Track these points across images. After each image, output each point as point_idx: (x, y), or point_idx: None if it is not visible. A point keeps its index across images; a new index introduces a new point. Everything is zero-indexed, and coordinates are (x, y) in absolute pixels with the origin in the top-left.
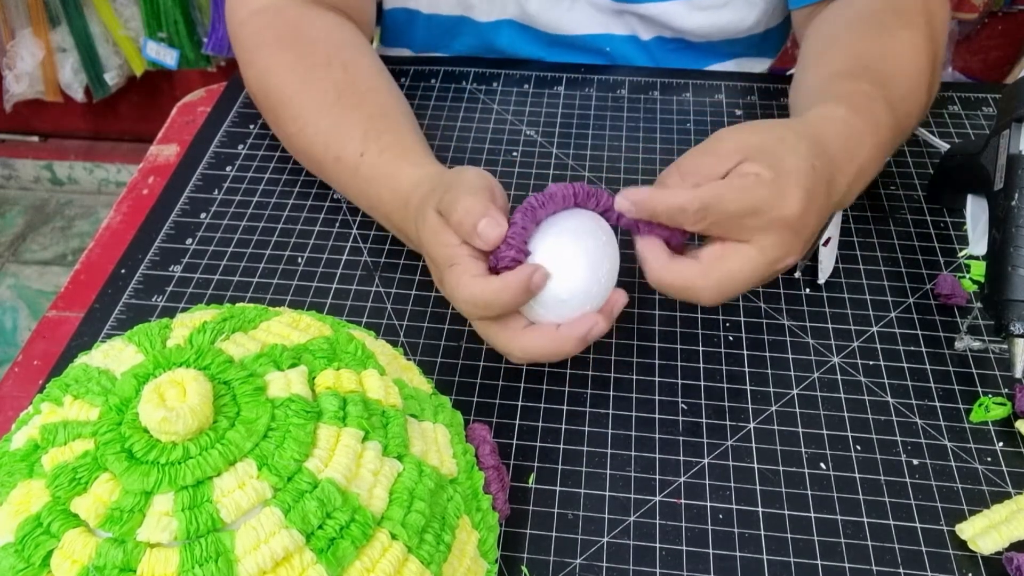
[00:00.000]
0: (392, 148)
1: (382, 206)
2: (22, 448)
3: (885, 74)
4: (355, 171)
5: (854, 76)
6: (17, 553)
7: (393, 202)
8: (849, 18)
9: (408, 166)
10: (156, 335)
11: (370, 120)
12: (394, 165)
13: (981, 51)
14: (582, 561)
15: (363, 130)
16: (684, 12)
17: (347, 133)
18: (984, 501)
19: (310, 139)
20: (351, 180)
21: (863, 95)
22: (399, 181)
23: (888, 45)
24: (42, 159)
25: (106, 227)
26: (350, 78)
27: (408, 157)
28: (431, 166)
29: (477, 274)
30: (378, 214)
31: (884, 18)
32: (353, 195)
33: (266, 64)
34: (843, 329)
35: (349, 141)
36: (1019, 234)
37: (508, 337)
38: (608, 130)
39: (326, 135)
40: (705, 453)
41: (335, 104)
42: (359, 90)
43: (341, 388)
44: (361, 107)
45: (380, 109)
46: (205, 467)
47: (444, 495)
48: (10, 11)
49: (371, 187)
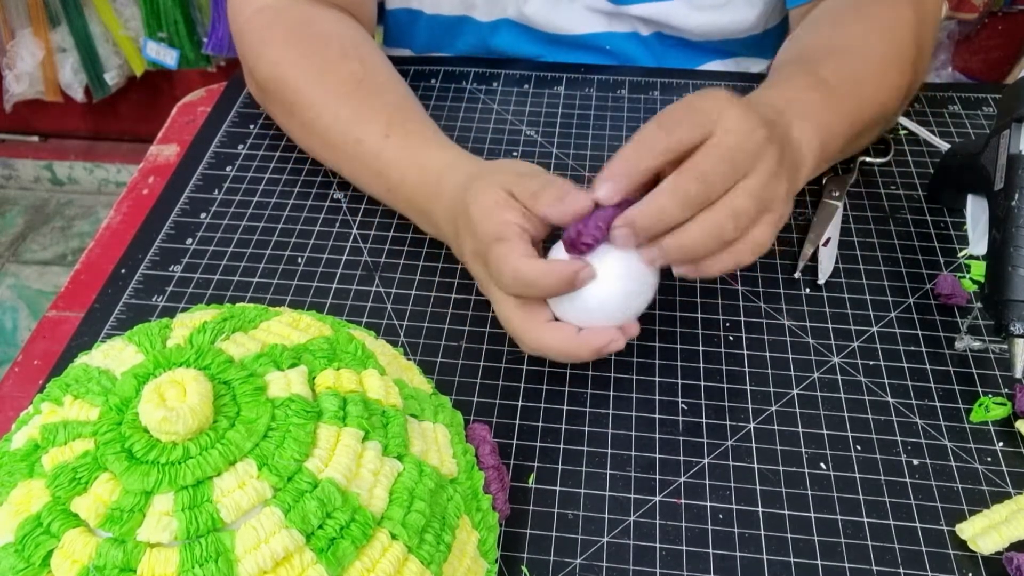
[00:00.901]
0: (418, 133)
1: (405, 187)
2: (22, 448)
3: (819, 58)
4: (378, 153)
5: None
6: (17, 553)
7: (420, 182)
8: (828, 7)
9: (436, 149)
10: (156, 335)
11: (393, 108)
12: (423, 147)
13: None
14: (582, 561)
15: (387, 115)
16: (684, 12)
17: (370, 118)
18: (984, 501)
19: (327, 125)
20: (372, 162)
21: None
22: (428, 162)
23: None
24: (42, 159)
25: (106, 227)
26: (367, 70)
27: (435, 142)
28: (460, 151)
29: (525, 253)
30: (398, 195)
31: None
32: (370, 178)
33: (279, 56)
34: (843, 329)
35: (373, 125)
36: (1019, 234)
37: (528, 326)
38: (608, 130)
39: (346, 121)
40: (705, 453)
41: (354, 93)
42: (377, 81)
43: (341, 388)
44: (382, 95)
45: (400, 99)
46: (205, 467)
47: (444, 495)
48: (10, 11)
49: (394, 168)
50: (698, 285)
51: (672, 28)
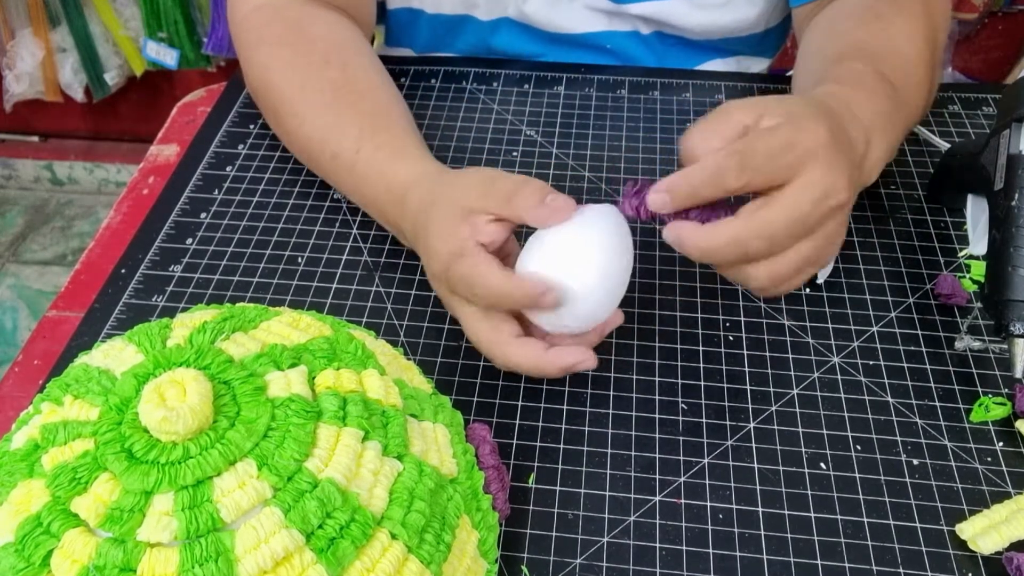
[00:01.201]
0: (387, 146)
1: (377, 203)
2: (22, 448)
3: (877, 54)
4: (351, 168)
5: (846, 59)
6: (17, 553)
7: (388, 199)
8: (847, 11)
9: (403, 164)
10: (156, 335)
11: (366, 118)
12: (389, 163)
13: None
14: (582, 561)
15: (359, 128)
16: (684, 11)
17: (343, 131)
18: (984, 501)
19: (308, 136)
20: (347, 177)
21: (851, 71)
22: (394, 178)
23: (884, 32)
24: (42, 159)
25: (106, 227)
26: (348, 76)
27: (403, 155)
28: (427, 164)
29: (489, 262)
30: (374, 210)
31: (881, 9)
32: (349, 192)
33: (266, 61)
34: (843, 329)
35: (345, 139)
36: (1019, 234)
37: (495, 340)
38: (608, 130)
39: (323, 132)
40: (705, 453)
41: (332, 102)
42: (356, 88)
43: (341, 388)
44: (358, 105)
45: (377, 107)
46: (205, 467)
47: (444, 495)
48: (10, 11)
49: (366, 184)
50: (698, 285)
51: (672, 27)
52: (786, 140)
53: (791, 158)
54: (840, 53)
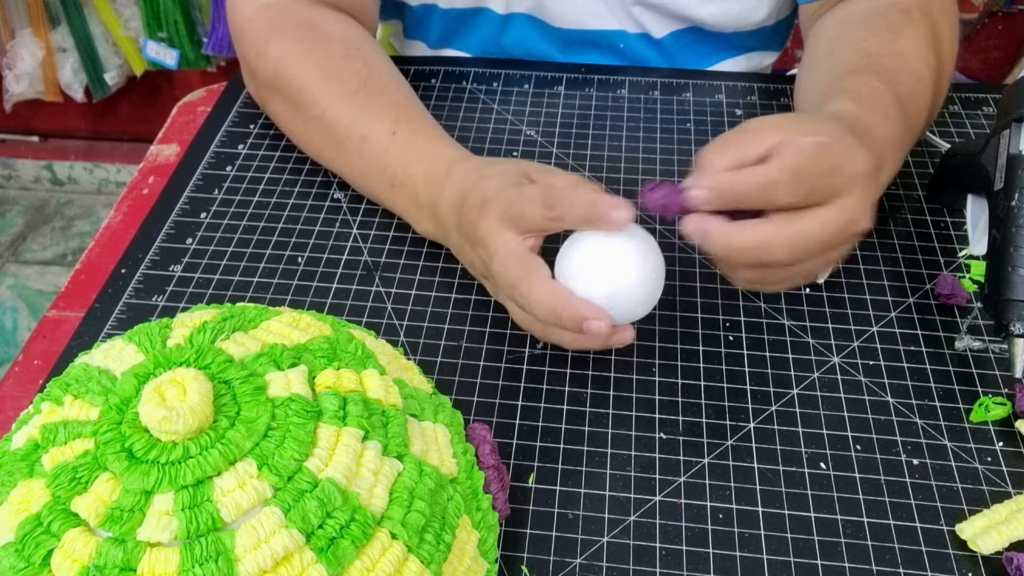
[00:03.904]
0: (425, 132)
1: (412, 182)
2: (22, 448)
3: (892, 70)
4: (384, 149)
5: (861, 72)
6: (17, 552)
7: (427, 176)
8: (857, 18)
9: (444, 146)
10: (156, 335)
11: (399, 107)
12: (430, 143)
13: (981, 51)
14: (582, 561)
15: (394, 113)
16: (695, 2)
17: (376, 116)
18: (984, 501)
19: (332, 121)
20: (377, 158)
21: (870, 90)
22: (437, 156)
23: (895, 43)
24: (42, 159)
25: (106, 227)
26: (371, 70)
27: (442, 139)
28: (466, 150)
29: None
30: (403, 191)
31: (891, 17)
32: (374, 174)
33: (282, 53)
34: (843, 329)
35: (378, 122)
36: (1019, 234)
37: (524, 275)
38: (608, 130)
39: (351, 117)
40: (705, 453)
41: (359, 92)
42: (381, 81)
43: (341, 388)
44: (386, 95)
45: (405, 100)
46: (205, 466)
47: (444, 495)
48: (10, 11)
49: (401, 164)
50: (698, 285)
51: (683, 18)
52: (835, 164)
53: (839, 182)
54: (854, 64)
